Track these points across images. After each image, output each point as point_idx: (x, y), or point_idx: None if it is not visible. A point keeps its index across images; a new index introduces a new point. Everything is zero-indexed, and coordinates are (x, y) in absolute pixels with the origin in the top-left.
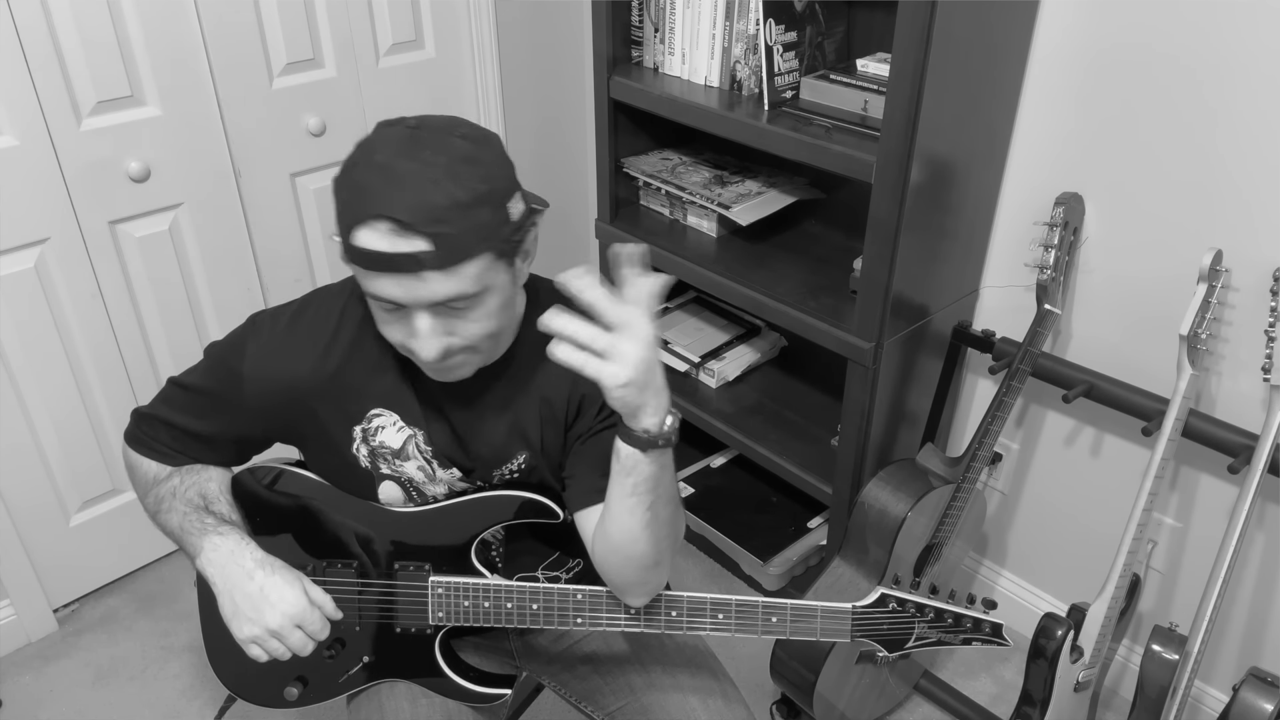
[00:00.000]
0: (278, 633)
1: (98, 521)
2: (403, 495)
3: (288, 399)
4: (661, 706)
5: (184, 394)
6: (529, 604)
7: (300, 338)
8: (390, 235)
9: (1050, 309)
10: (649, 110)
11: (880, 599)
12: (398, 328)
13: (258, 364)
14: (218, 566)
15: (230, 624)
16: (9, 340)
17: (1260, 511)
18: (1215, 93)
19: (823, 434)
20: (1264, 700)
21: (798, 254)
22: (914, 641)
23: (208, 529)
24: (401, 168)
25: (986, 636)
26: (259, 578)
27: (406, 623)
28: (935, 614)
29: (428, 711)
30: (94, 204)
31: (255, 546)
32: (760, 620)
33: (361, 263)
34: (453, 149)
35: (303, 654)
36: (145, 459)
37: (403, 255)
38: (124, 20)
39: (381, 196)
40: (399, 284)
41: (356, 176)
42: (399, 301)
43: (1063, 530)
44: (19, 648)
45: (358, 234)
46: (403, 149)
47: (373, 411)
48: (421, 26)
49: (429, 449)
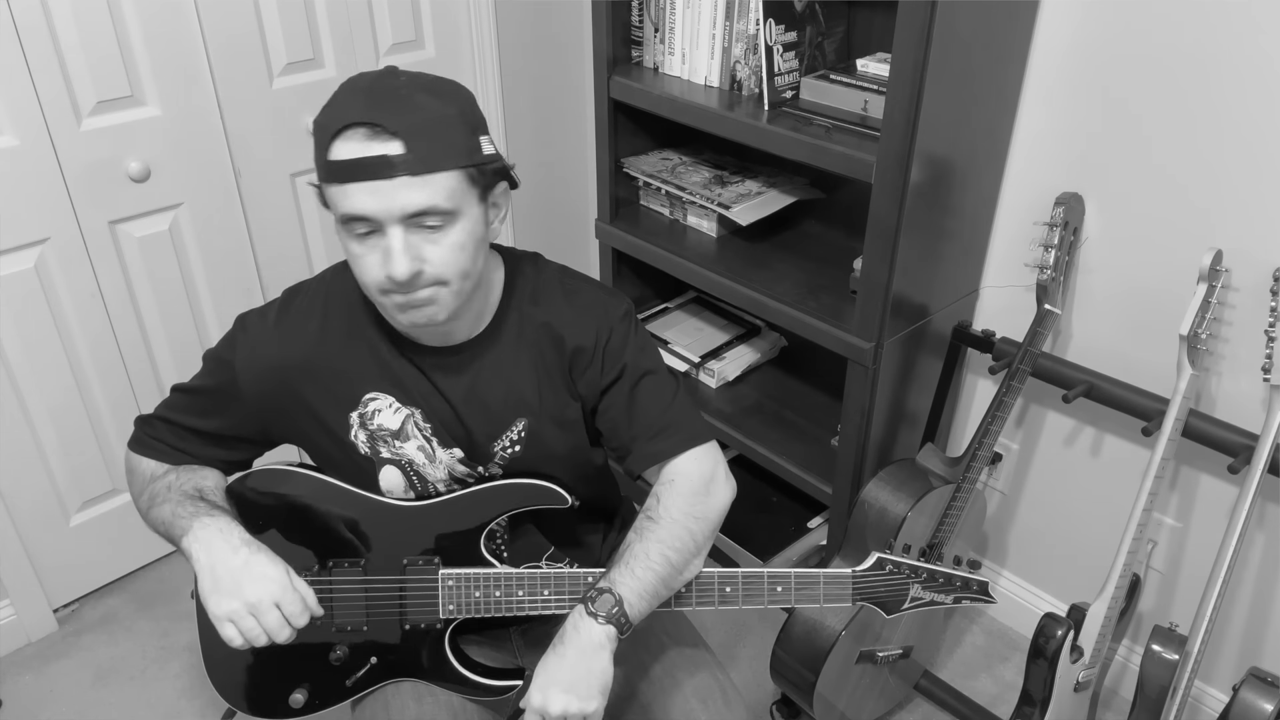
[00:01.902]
0: (255, 606)
1: (98, 521)
2: (404, 481)
3: (281, 389)
4: (661, 706)
5: (184, 397)
6: (540, 590)
7: (289, 328)
8: (365, 140)
9: (1050, 309)
10: (649, 110)
11: (877, 562)
12: (371, 258)
13: (249, 356)
14: (204, 543)
15: (208, 601)
16: (9, 340)
17: (1260, 511)
18: (1215, 93)
19: (823, 434)
20: (1264, 700)
21: (798, 254)
22: (909, 602)
23: (199, 512)
24: (379, 85)
25: (974, 595)
26: (244, 553)
27: (417, 618)
28: (928, 575)
29: (433, 709)
30: (94, 204)
31: (244, 529)
32: (766, 590)
33: (338, 176)
34: (427, 79)
35: (278, 638)
36: (145, 459)
37: (375, 158)
38: (124, 20)
39: (358, 107)
40: (372, 192)
41: (333, 99)
42: (371, 215)
43: (1063, 530)
44: (19, 648)
45: (334, 147)
46: (380, 76)
47: (368, 395)
48: (421, 26)
49: (428, 426)
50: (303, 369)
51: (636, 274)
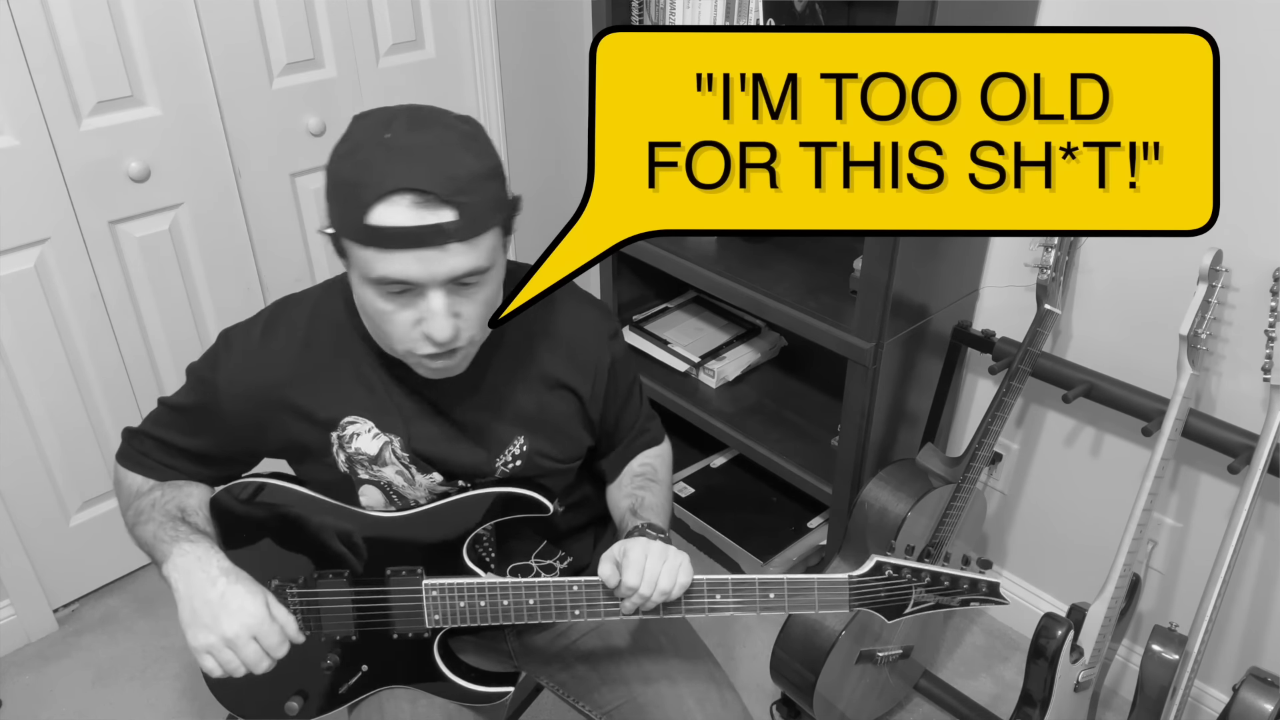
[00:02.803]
0: (232, 642)
1: (98, 521)
2: (384, 499)
3: (262, 408)
4: (659, 706)
5: (170, 413)
6: (525, 599)
7: (271, 348)
8: (414, 208)
9: (1050, 309)
10: None
11: (876, 566)
12: (402, 315)
13: (231, 375)
14: (182, 571)
15: (186, 632)
16: (9, 340)
17: (1260, 511)
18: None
19: (823, 434)
20: (1264, 700)
21: (798, 254)
22: (912, 606)
23: (179, 537)
24: (416, 142)
25: (984, 596)
26: (221, 585)
27: (403, 628)
28: (931, 577)
29: (428, 712)
30: (94, 204)
31: (223, 556)
32: (758, 596)
33: (380, 242)
34: (455, 126)
35: (256, 670)
36: (132, 473)
37: (429, 227)
38: (124, 20)
39: (402, 170)
40: (420, 259)
41: (363, 157)
42: (415, 281)
43: (1063, 530)
44: (19, 648)
45: (375, 212)
46: (411, 126)
47: (346, 420)
48: (421, 26)
49: (405, 455)
50: (284, 390)
51: (636, 274)
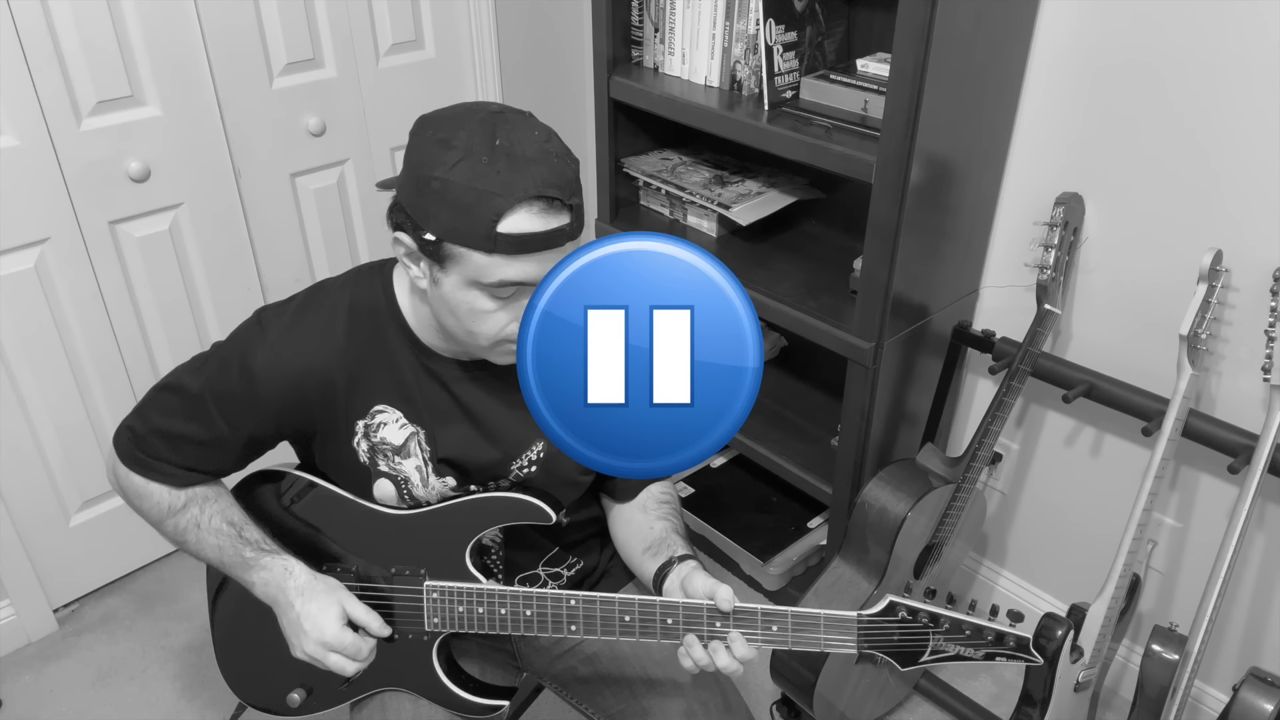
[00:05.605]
0: (314, 658)
1: (98, 521)
2: (395, 496)
3: (301, 393)
4: (661, 708)
5: (182, 399)
6: (523, 610)
7: (310, 332)
8: (543, 214)
9: (1050, 309)
10: (649, 110)
11: (889, 607)
12: (502, 314)
13: (270, 361)
14: (269, 600)
15: (288, 643)
16: (9, 340)
17: (1260, 511)
18: (1215, 92)
19: (823, 434)
20: (1264, 700)
21: (798, 254)
22: (930, 655)
23: (250, 565)
24: (528, 148)
25: (1012, 651)
26: (297, 606)
27: (404, 628)
28: (952, 624)
29: (430, 711)
30: (94, 204)
31: (297, 573)
32: (760, 629)
33: (511, 249)
34: (540, 126)
35: (345, 674)
36: (152, 484)
37: (555, 231)
38: (124, 20)
39: (529, 177)
40: (541, 262)
41: (483, 168)
42: (532, 281)
43: (1063, 530)
44: (19, 648)
45: (509, 220)
46: (516, 130)
47: (376, 407)
48: (421, 26)
49: (429, 449)
50: (323, 377)
51: None
